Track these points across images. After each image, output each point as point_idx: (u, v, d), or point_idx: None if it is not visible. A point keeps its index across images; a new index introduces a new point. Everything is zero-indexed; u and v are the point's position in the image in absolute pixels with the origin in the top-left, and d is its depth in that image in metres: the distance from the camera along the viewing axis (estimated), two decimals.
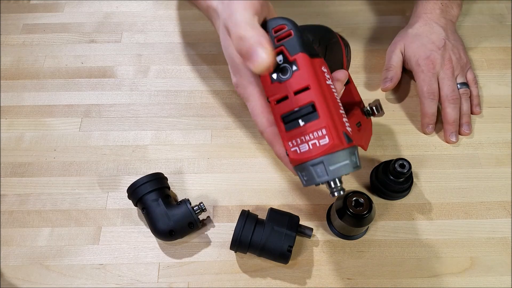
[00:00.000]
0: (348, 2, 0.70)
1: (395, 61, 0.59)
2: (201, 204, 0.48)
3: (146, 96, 0.61)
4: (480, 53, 0.64)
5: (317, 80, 0.32)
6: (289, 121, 0.32)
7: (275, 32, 0.33)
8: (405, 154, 0.55)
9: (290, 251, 0.44)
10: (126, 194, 0.49)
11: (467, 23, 0.68)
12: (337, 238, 0.50)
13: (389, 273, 0.47)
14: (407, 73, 0.61)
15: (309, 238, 0.49)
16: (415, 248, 0.49)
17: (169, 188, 0.51)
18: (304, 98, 0.32)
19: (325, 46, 0.40)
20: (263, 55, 0.31)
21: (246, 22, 0.32)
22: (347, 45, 0.46)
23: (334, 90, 0.34)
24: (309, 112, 0.32)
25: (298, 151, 0.32)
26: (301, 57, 0.32)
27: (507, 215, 0.51)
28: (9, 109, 0.59)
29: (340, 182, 0.33)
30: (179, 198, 0.52)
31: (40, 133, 0.57)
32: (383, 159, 0.53)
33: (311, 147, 0.31)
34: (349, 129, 0.33)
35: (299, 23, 0.41)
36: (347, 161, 0.32)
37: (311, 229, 0.48)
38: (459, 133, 0.57)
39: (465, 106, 0.57)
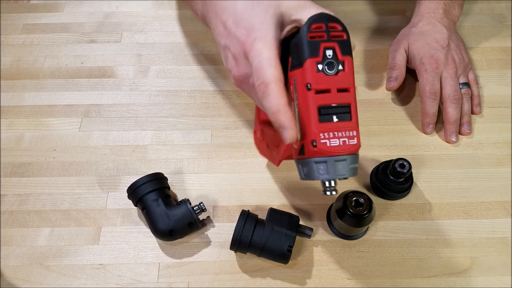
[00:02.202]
0: (348, 2, 0.70)
1: (399, 59, 0.59)
2: (201, 204, 0.48)
3: (146, 96, 0.61)
4: (480, 53, 0.64)
5: (354, 85, 0.35)
6: (325, 114, 0.34)
7: (330, 28, 0.35)
8: (405, 154, 0.55)
9: (290, 251, 0.44)
10: (126, 194, 0.49)
11: (467, 23, 0.68)
12: (337, 238, 0.50)
13: (389, 273, 0.47)
14: (408, 72, 0.61)
15: (309, 238, 0.49)
16: (415, 248, 0.49)
17: (169, 188, 0.51)
18: (344, 98, 0.34)
19: None
20: (290, 136, 0.35)
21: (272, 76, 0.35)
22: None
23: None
24: (345, 112, 0.34)
25: (328, 144, 0.34)
26: (349, 60, 0.34)
27: (507, 215, 0.51)
28: (9, 109, 0.59)
29: (335, 182, 0.36)
30: (179, 198, 0.52)
31: (40, 133, 0.57)
32: (383, 159, 0.53)
33: (341, 143, 0.34)
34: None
35: None
36: (356, 165, 0.36)
37: (311, 229, 0.48)
38: (460, 133, 0.57)
39: (466, 106, 0.57)
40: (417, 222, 0.51)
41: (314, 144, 0.34)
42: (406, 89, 0.61)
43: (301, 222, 0.48)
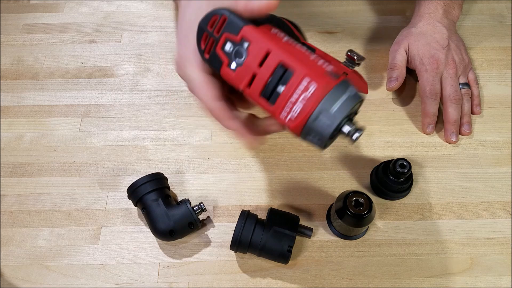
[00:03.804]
0: (348, 2, 0.70)
1: (400, 60, 0.59)
2: (201, 204, 0.48)
3: (146, 96, 0.61)
4: (480, 53, 0.64)
5: (273, 41, 0.31)
6: (269, 94, 0.31)
7: (211, 26, 0.32)
8: (405, 154, 0.55)
9: (290, 251, 0.44)
10: (126, 194, 0.49)
11: (467, 23, 0.68)
12: (337, 238, 0.50)
13: (389, 273, 0.47)
14: (408, 72, 0.61)
15: (309, 238, 0.49)
16: (415, 248, 0.49)
17: (169, 188, 0.51)
18: (271, 63, 0.30)
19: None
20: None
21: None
22: (291, 22, 0.45)
23: (295, 44, 0.32)
24: (282, 73, 0.30)
25: (294, 115, 0.30)
26: (246, 30, 0.31)
27: (507, 215, 0.51)
28: (9, 109, 0.59)
29: (352, 121, 0.30)
30: (179, 198, 0.52)
31: (40, 133, 0.57)
32: (383, 159, 0.53)
33: (303, 103, 0.29)
34: (329, 67, 0.31)
35: (299, 23, 0.41)
36: (346, 94, 0.29)
37: (311, 229, 0.48)
38: (460, 133, 0.57)
39: (466, 106, 0.57)
40: (417, 222, 0.51)
41: (287, 127, 0.31)
42: (406, 89, 0.61)
43: (301, 222, 0.48)
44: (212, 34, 0.32)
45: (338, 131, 0.31)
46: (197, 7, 0.35)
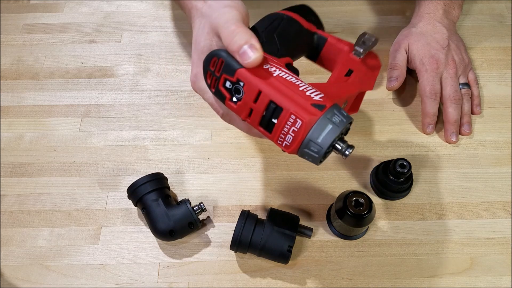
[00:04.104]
0: (348, 2, 0.70)
1: (400, 60, 0.59)
2: (201, 204, 0.48)
3: (146, 96, 0.61)
4: (480, 53, 0.64)
5: (262, 81, 0.34)
6: (266, 125, 0.35)
7: (213, 66, 0.36)
8: (405, 154, 0.55)
9: (290, 251, 0.44)
10: (126, 194, 0.49)
11: (467, 23, 0.68)
12: (337, 238, 0.50)
13: (389, 273, 0.47)
14: (408, 72, 0.61)
15: (309, 238, 0.49)
16: (415, 248, 0.49)
17: (169, 188, 0.51)
18: (263, 101, 0.34)
19: (273, 35, 0.42)
20: (253, 55, 0.34)
21: (236, 20, 0.35)
22: (302, 9, 0.47)
23: (285, 76, 0.36)
24: (274, 108, 0.34)
25: (288, 144, 0.34)
26: (240, 73, 0.34)
27: (507, 215, 0.51)
28: (9, 109, 0.59)
29: (342, 142, 0.34)
30: (179, 198, 0.52)
31: (40, 133, 0.57)
32: (383, 159, 0.53)
33: (293, 134, 0.34)
34: (317, 97, 0.35)
35: None
36: (330, 126, 0.33)
37: (311, 229, 0.48)
38: (460, 133, 0.57)
39: (466, 106, 0.57)
40: (417, 222, 0.51)
41: (284, 151, 0.35)
42: (407, 89, 0.61)
43: (301, 222, 0.48)
44: (213, 73, 0.36)
45: (330, 149, 0.34)
46: (209, 38, 0.38)
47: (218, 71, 0.35)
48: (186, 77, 0.62)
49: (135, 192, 0.47)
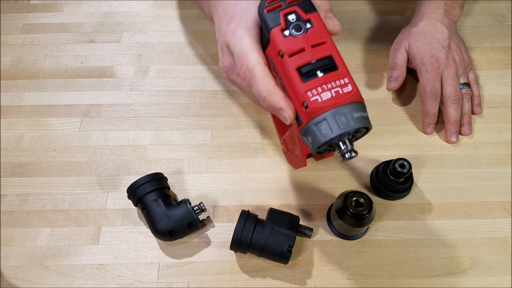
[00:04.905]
0: (348, 2, 0.70)
1: (400, 59, 0.59)
2: (201, 204, 0.48)
3: (146, 96, 0.61)
4: (480, 53, 0.64)
5: (330, 37, 0.34)
6: (306, 72, 0.33)
7: None
8: (405, 154, 0.55)
9: (290, 251, 0.44)
10: (126, 194, 0.49)
11: (468, 23, 0.68)
12: (337, 238, 0.50)
13: (389, 273, 0.47)
14: (408, 72, 0.61)
15: (309, 238, 0.49)
16: (415, 248, 0.49)
17: (169, 188, 0.51)
18: (322, 52, 0.33)
19: None
20: (289, 115, 0.34)
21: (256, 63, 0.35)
22: None
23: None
24: (328, 64, 0.33)
25: (320, 100, 0.32)
26: (315, 16, 0.34)
27: (507, 215, 0.51)
28: (9, 109, 0.59)
29: (350, 142, 0.33)
30: (179, 198, 0.52)
31: (40, 133, 0.57)
32: (383, 159, 0.53)
33: (334, 94, 0.32)
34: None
35: None
36: (366, 114, 0.33)
37: (311, 229, 0.48)
38: (460, 133, 0.57)
39: (467, 106, 0.57)
40: (417, 222, 0.51)
41: (305, 105, 0.33)
42: (407, 89, 0.61)
43: (301, 222, 0.48)
44: (284, 1, 0.35)
45: (337, 142, 0.33)
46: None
47: (289, 3, 0.34)
48: (186, 77, 0.62)
49: (135, 192, 0.47)
